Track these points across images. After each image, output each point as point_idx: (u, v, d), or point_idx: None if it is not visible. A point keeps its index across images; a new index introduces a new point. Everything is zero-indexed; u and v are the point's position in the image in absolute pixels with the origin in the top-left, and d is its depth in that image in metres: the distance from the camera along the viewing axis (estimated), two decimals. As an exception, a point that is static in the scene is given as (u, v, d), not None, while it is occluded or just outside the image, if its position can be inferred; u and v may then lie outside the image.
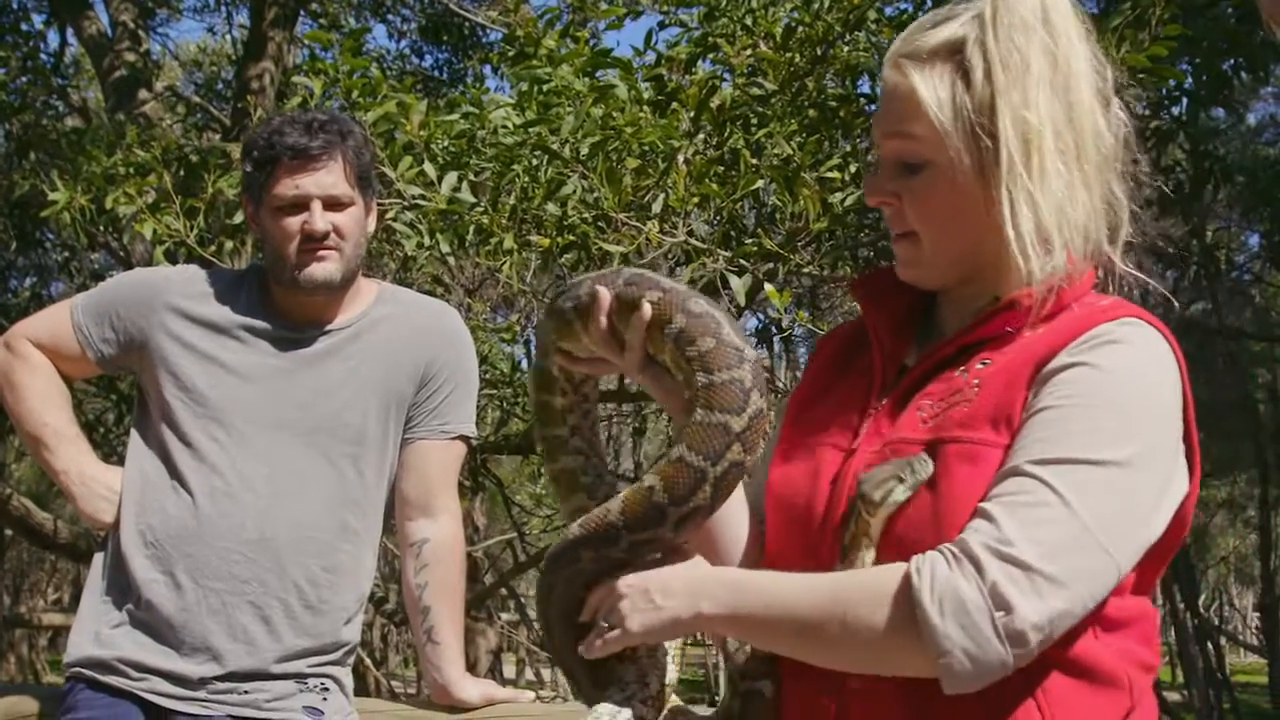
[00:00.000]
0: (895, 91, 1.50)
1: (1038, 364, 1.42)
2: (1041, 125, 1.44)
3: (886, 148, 1.52)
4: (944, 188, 1.48)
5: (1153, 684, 1.49)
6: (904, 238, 1.53)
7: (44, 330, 2.73)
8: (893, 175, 1.52)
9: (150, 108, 7.33)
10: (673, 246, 4.21)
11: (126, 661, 2.52)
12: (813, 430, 1.58)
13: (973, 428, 1.42)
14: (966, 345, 1.50)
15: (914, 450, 1.44)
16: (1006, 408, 1.41)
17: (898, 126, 1.50)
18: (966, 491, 1.39)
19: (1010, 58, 1.46)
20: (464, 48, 10.15)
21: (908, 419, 1.48)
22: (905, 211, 1.51)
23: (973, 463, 1.40)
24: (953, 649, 1.31)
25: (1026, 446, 1.37)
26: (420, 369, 2.71)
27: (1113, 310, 1.45)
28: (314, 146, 2.56)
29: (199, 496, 2.56)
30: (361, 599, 2.72)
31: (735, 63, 4.35)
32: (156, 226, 4.38)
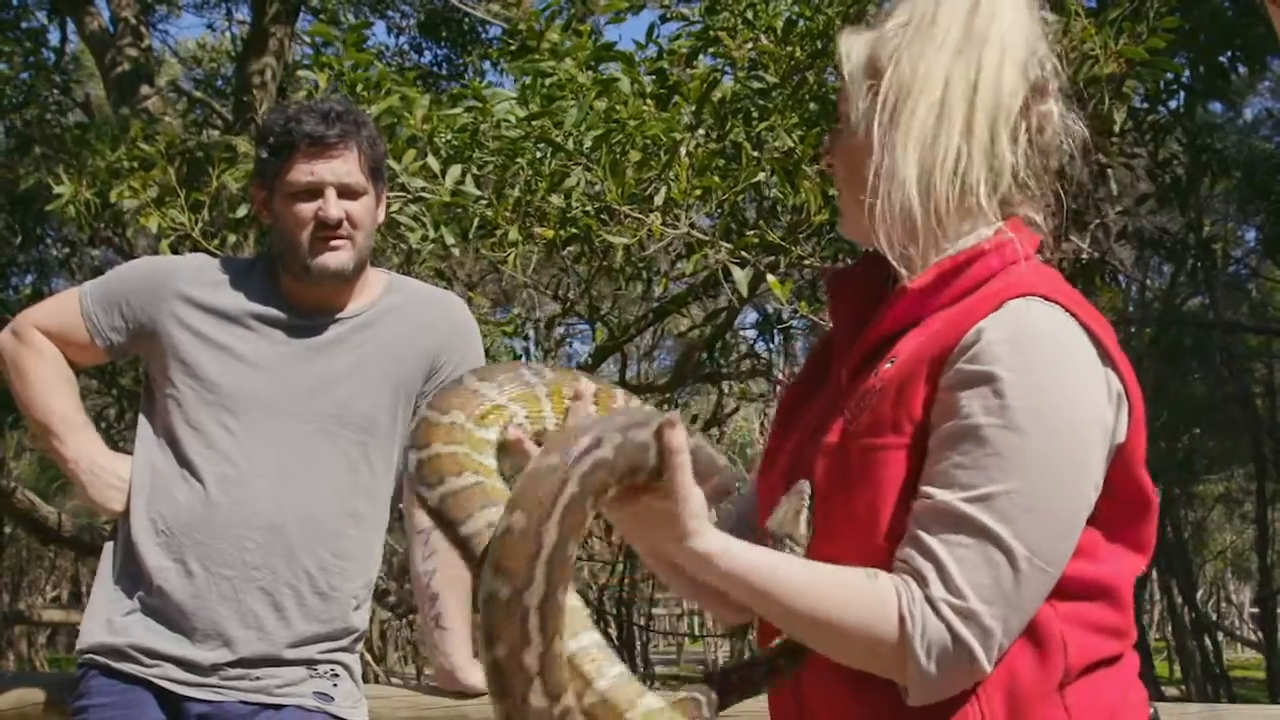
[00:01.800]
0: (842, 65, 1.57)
1: (932, 362, 1.44)
2: (923, 80, 1.47)
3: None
4: (847, 145, 1.54)
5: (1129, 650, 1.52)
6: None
7: (52, 318, 2.73)
8: (833, 135, 1.60)
9: (153, 103, 7.34)
10: (675, 239, 4.23)
11: (139, 648, 2.55)
12: (791, 435, 1.63)
13: (877, 433, 1.46)
14: (875, 344, 1.53)
15: (829, 459, 1.49)
16: (907, 407, 1.45)
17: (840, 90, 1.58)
18: (876, 497, 1.45)
19: (918, 14, 1.50)
20: (463, 43, 10.16)
21: (835, 422, 1.52)
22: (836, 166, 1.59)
23: (881, 467, 1.45)
24: (926, 685, 1.41)
25: (948, 474, 1.41)
26: (429, 359, 2.72)
27: (1006, 290, 1.45)
28: (331, 135, 2.58)
29: (209, 484, 2.58)
30: (369, 586, 2.74)
31: (736, 56, 4.36)
32: (162, 220, 4.40)
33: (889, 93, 1.48)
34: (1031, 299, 1.44)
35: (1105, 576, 1.47)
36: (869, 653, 1.42)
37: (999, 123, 1.49)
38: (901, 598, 1.40)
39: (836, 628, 1.41)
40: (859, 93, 1.51)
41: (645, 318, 5.64)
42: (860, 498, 1.47)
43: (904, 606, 1.40)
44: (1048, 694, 1.44)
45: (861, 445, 1.47)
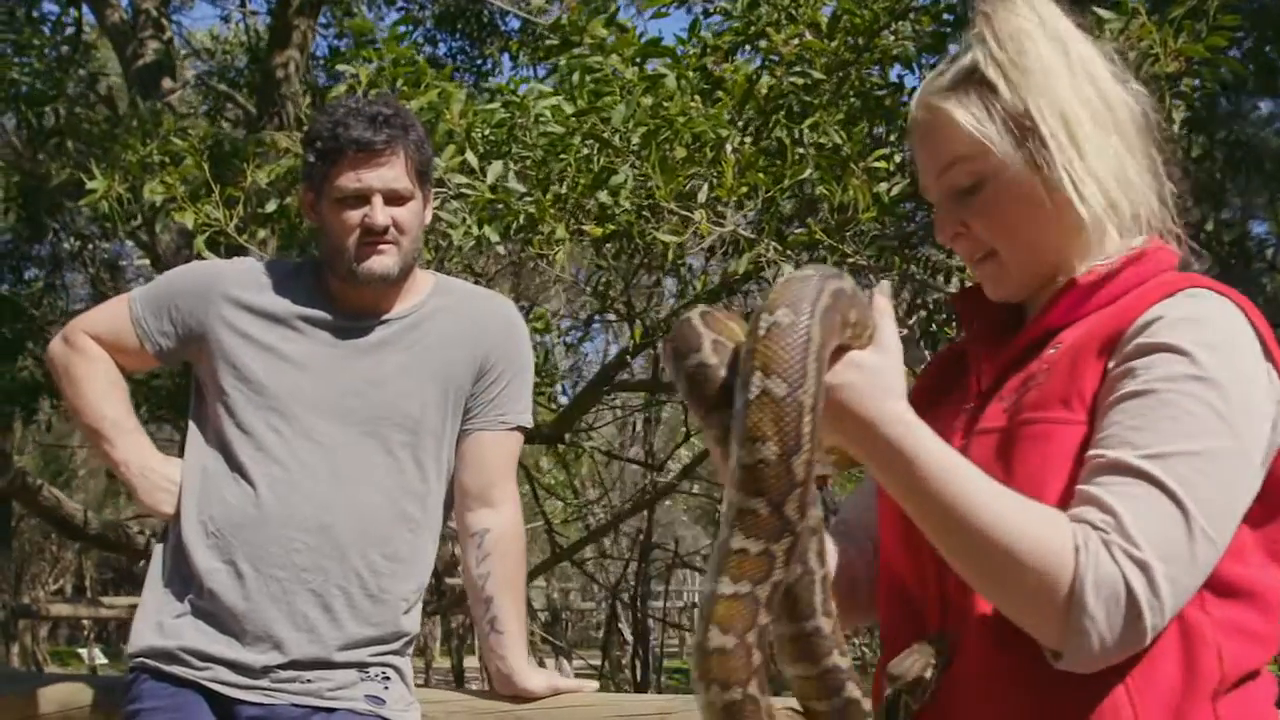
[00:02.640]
0: (930, 127, 1.55)
1: (1105, 340, 1.44)
2: (1075, 106, 1.50)
3: (938, 185, 1.56)
4: (1005, 196, 1.52)
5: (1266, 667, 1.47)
6: (984, 260, 1.57)
7: (102, 324, 2.74)
8: (953, 206, 1.56)
9: (176, 97, 7.29)
10: (721, 236, 4.17)
11: (190, 651, 2.52)
12: None
13: (1044, 408, 1.44)
14: (1037, 337, 1.53)
15: (991, 440, 1.46)
16: (1077, 384, 1.44)
17: (943, 159, 1.54)
18: (1042, 469, 1.41)
19: (1022, 59, 1.52)
20: (481, 36, 10.10)
21: (991, 410, 1.51)
22: (978, 234, 1.55)
23: (1047, 440, 1.42)
24: (1090, 635, 1.32)
25: (1121, 435, 1.38)
26: (478, 361, 2.70)
27: (1176, 282, 1.47)
28: (378, 141, 2.56)
29: (259, 486, 2.56)
30: (421, 589, 2.71)
31: (784, 52, 4.31)
32: (196, 216, 4.35)
33: (1051, 126, 1.50)
34: (1202, 289, 1.46)
35: (1255, 581, 1.43)
36: (1034, 590, 1.33)
37: (1146, 139, 1.56)
38: (1078, 536, 1.34)
39: (1011, 549, 1.33)
40: (1000, 144, 1.52)
41: (678, 314, 5.57)
42: (1022, 472, 1.43)
43: (1079, 542, 1.33)
44: (1201, 701, 1.39)
45: (1026, 421, 1.46)
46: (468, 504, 2.72)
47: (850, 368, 1.38)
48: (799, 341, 1.27)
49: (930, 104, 1.55)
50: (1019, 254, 1.55)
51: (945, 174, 1.55)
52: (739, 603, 1.26)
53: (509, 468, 2.78)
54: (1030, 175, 1.51)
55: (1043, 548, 1.33)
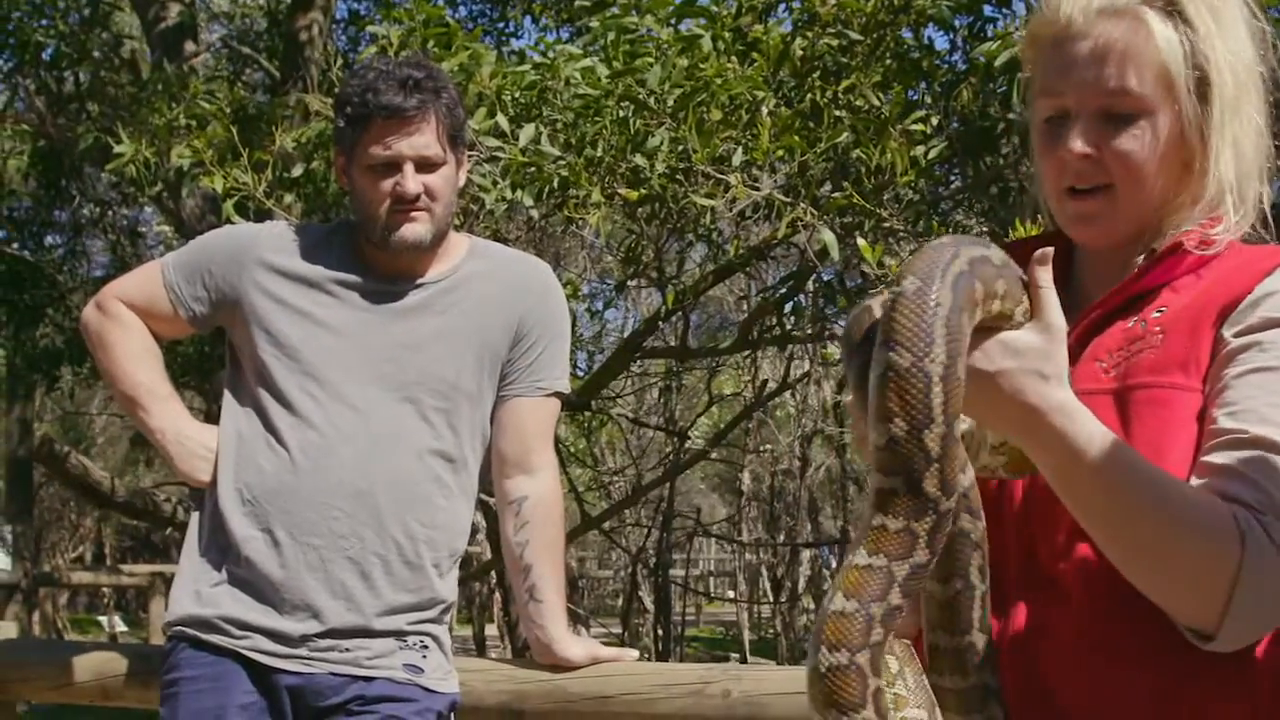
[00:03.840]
0: (1112, 43, 1.43)
1: (1222, 309, 1.39)
2: (1240, 70, 1.43)
3: (1095, 99, 1.44)
4: (1156, 139, 1.44)
5: None
6: (1095, 192, 1.46)
7: (136, 290, 2.72)
8: (1094, 127, 1.44)
9: (199, 61, 7.24)
10: (754, 200, 4.12)
11: (228, 619, 2.51)
12: None
13: (1163, 373, 1.39)
14: (1134, 294, 1.46)
15: (1098, 403, 1.37)
16: (1195, 351, 1.39)
17: (1119, 79, 1.43)
18: (1161, 436, 1.36)
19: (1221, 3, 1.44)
20: (503, 0, 10.01)
21: (1085, 371, 1.43)
22: (1107, 164, 1.44)
23: (1166, 406, 1.37)
24: (1250, 618, 1.29)
25: (1260, 411, 1.32)
26: (514, 325, 2.67)
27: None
28: (409, 107, 2.52)
29: (295, 452, 2.54)
30: (457, 555, 2.69)
31: (822, 12, 4.24)
32: (225, 180, 4.31)
33: (1221, 88, 1.43)
34: None
35: None
36: (1197, 574, 1.28)
37: (1267, 109, 1.50)
38: (1240, 520, 1.28)
39: (1177, 537, 1.28)
40: (1179, 85, 1.43)
41: (707, 278, 5.55)
42: (1141, 437, 1.37)
43: (1243, 526, 1.28)
44: None
45: (1143, 385, 1.39)
46: (505, 471, 2.70)
47: (1005, 352, 1.30)
48: (924, 307, 1.21)
49: (1130, 8, 1.43)
50: (1137, 199, 1.46)
51: (1113, 94, 1.44)
52: (871, 574, 1.22)
53: (547, 434, 2.75)
54: (1182, 128, 1.44)
55: (1210, 534, 1.28)
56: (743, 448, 12.27)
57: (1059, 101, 1.46)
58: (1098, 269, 1.52)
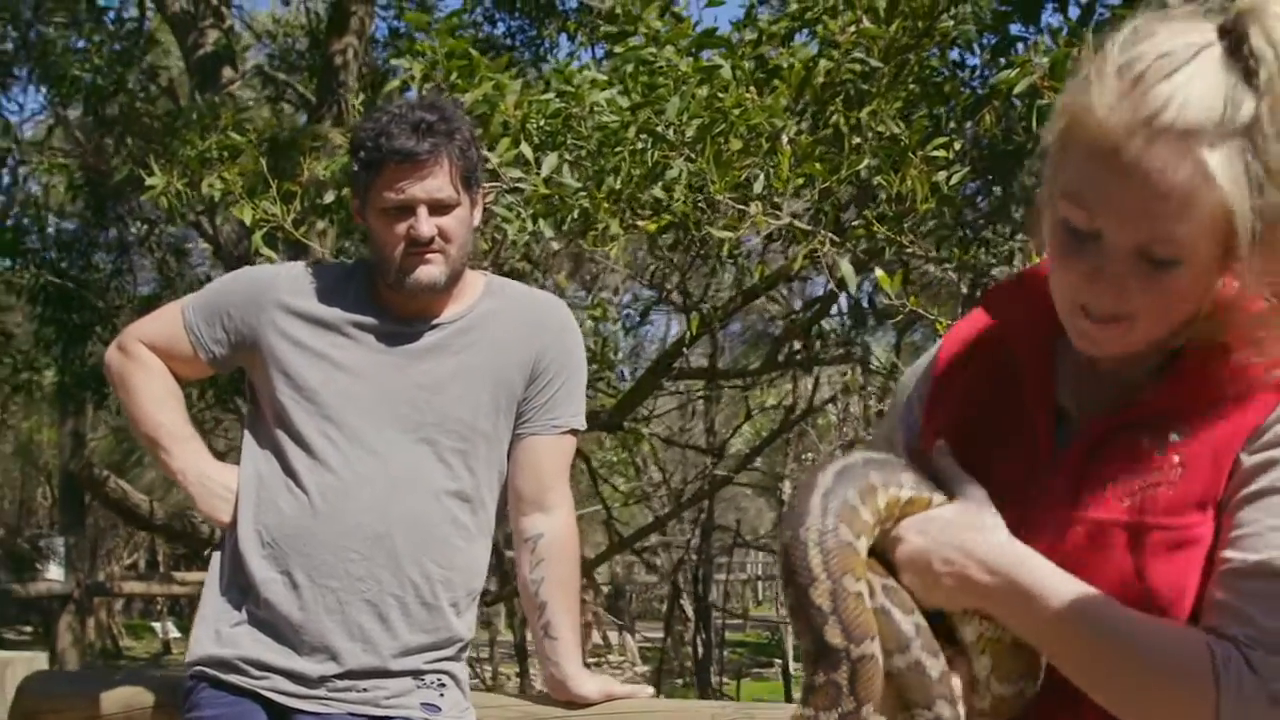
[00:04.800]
0: (1163, 182, 1.21)
1: (1246, 439, 1.31)
2: None
3: (1125, 238, 1.25)
4: (1190, 280, 1.27)
5: None
6: (1113, 322, 1.31)
7: (157, 332, 2.75)
8: (1125, 260, 1.26)
9: (236, 86, 7.34)
10: (776, 229, 4.13)
11: (247, 660, 2.55)
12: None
13: (1180, 514, 1.31)
14: (1147, 416, 1.36)
15: (1110, 536, 1.33)
16: (1214, 487, 1.31)
17: (1160, 228, 1.23)
18: (1183, 577, 1.31)
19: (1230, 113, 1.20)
20: (539, 16, 10.06)
21: (1096, 492, 1.35)
22: (1132, 298, 1.28)
23: (1185, 549, 1.31)
24: None
25: (1265, 537, 1.28)
26: (530, 363, 2.69)
27: None
28: (420, 151, 2.53)
29: (313, 495, 2.57)
30: (474, 594, 2.72)
31: (840, 40, 4.24)
32: (254, 211, 4.38)
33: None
34: None
35: None
36: (1173, 712, 1.27)
37: None
38: (1217, 656, 1.25)
39: (1148, 678, 1.27)
40: (1237, 233, 1.24)
41: (735, 300, 5.56)
42: (1162, 580, 1.31)
43: (1219, 662, 1.25)
44: None
45: (1161, 527, 1.32)
46: (521, 508, 2.72)
47: (927, 522, 1.34)
48: (807, 486, 1.35)
49: (1190, 133, 1.20)
50: (1157, 331, 1.33)
51: (1153, 240, 1.24)
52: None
53: (562, 472, 2.77)
54: (1222, 262, 1.27)
55: (1179, 678, 1.26)
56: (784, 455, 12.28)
57: (1088, 220, 1.27)
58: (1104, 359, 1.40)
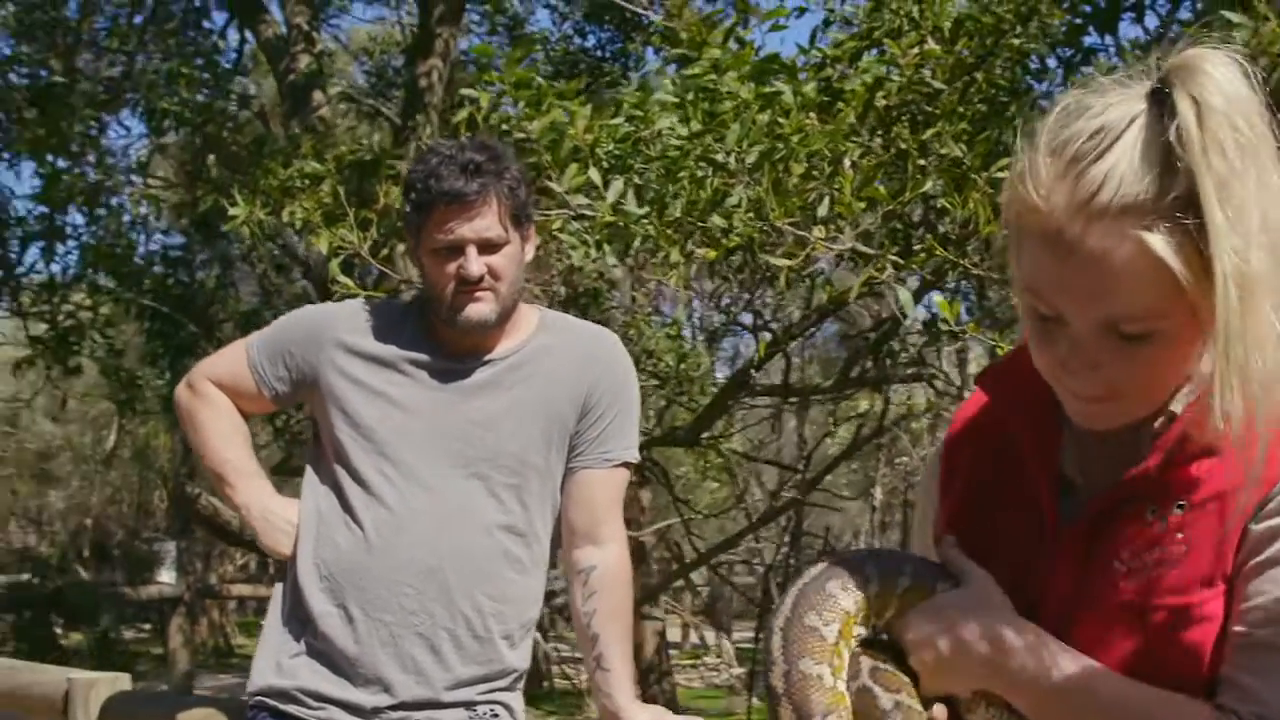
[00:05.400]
0: (1105, 261, 1.20)
1: (1252, 508, 1.28)
2: (1259, 269, 1.18)
3: (1087, 318, 1.23)
4: (1167, 346, 1.25)
5: None
6: (1101, 400, 1.29)
7: (224, 370, 2.84)
8: (1096, 339, 1.25)
9: (326, 110, 7.50)
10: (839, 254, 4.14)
11: (305, 691, 2.62)
12: (981, 563, 1.44)
13: (1186, 592, 1.29)
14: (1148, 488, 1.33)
15: (1123, 614, 1.33)
16: (1221, 563, 1.29)
17: (1119, 306, 1.21)
18: (1187, 658, 1.30)
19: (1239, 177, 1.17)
20: (627, 29, 10.16)
21: (1102, 572, 1.34)
22: (1113, 375, 1.26)
23: (1191, 627, 1.30)
24: None
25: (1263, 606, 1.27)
26: (581, 397, 2.73)
27: None
28: (469, 191, 2.59)
29: (369, 530, 2.63)
30: (527, 626, 2.76)
31: (903, 63, 4.24)
32: (331, 239, 4.50)
33: (1227, 297, 1.19)
34: None
35: None
36: None
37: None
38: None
39: None
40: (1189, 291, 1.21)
41: (808, 317, 5.58)
42: (1174, 657, 1.31)
43: None
44: None
45: (1167, 607, 1.31)
46: (574, 541, 2.76)
47: (920, 613, 1.37)
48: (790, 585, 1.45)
49: (1118, 228, 1.19)
50: (1148, 401, 1.32)
51: (1114, 319, 1.23)
52: None
53: (615, 505, 2.80)
54: (1192, 328, 1.24)
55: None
56: (876, 460, 12.20)
57: (1050, 307, 1.26)
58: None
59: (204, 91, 7.74)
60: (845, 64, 4.63)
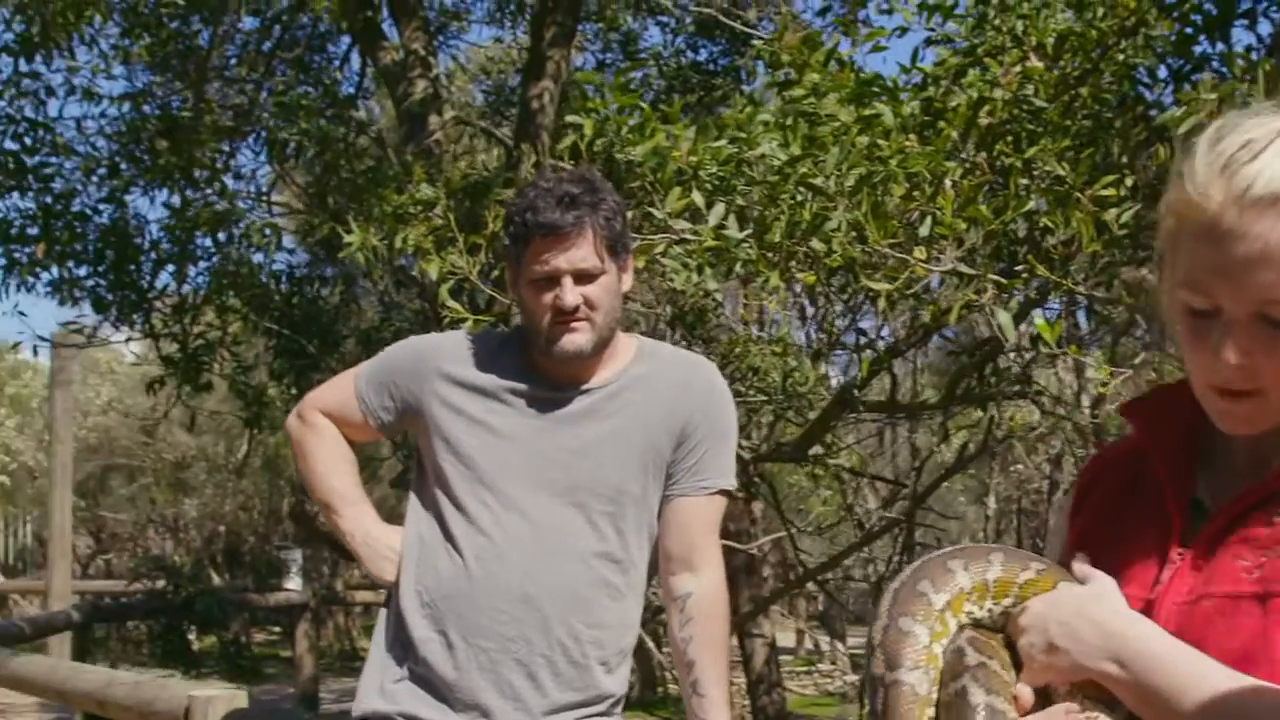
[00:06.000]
0: (1273, 245, 1.30)
1: None
2: None
3: (1245, 307, 1.33)
4: None
5: None
6: (1243, 396, 1.36)
7: (332, 400, 2.95)
8: (1249, 332, 1.33)
9: (442, 134, 7.67)
10: (941, 275, 4.14)
11: (406, 715, 2.70)
12: (1105, 570, 1.49)
13: None
14: (1275, 490, 1.39)
15: (1246, 604, 1.36)
16: None
17: (1273, 287, 1.30)
18: None
19: None
20: (737, 42, 10.18)
21: (1225, 569, 1.38)
22: (1260, 371, 1.34)
23: None
24: None
25: None
26: (678, 427, 2.78)
27: None
28: (565, 224, 2.65)
29: (469, 558, 2.70)
30: (624, 653, 2.82)
31: (1004, 82, 4.22)
32: (441, 265, 4.62)
33: None
34: None
35: None
36: None
37: None
38: None
39: None
40: None
41: (913, 335, 5.56)
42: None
43: None
44: None
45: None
46: (671, 568, 2.81)
47: (1038, 600, 1.42)
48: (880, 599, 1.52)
49: (1273, 213, 1.30)
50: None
51: (1266, 300, 1.31)
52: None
53: (711, 532, 2.84)
54: None
55: None
56: (990, 469, 12.05)
57: (1206, 299, 1.35)
58: (1244, 439, 1.44)
59: (324, 118, 7.99)
60: (948, 82, 4.62)
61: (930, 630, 1.44)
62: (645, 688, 13.56)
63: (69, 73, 8.54)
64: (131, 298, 8.76)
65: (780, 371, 5.85)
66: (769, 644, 9.08)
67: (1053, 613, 1.41)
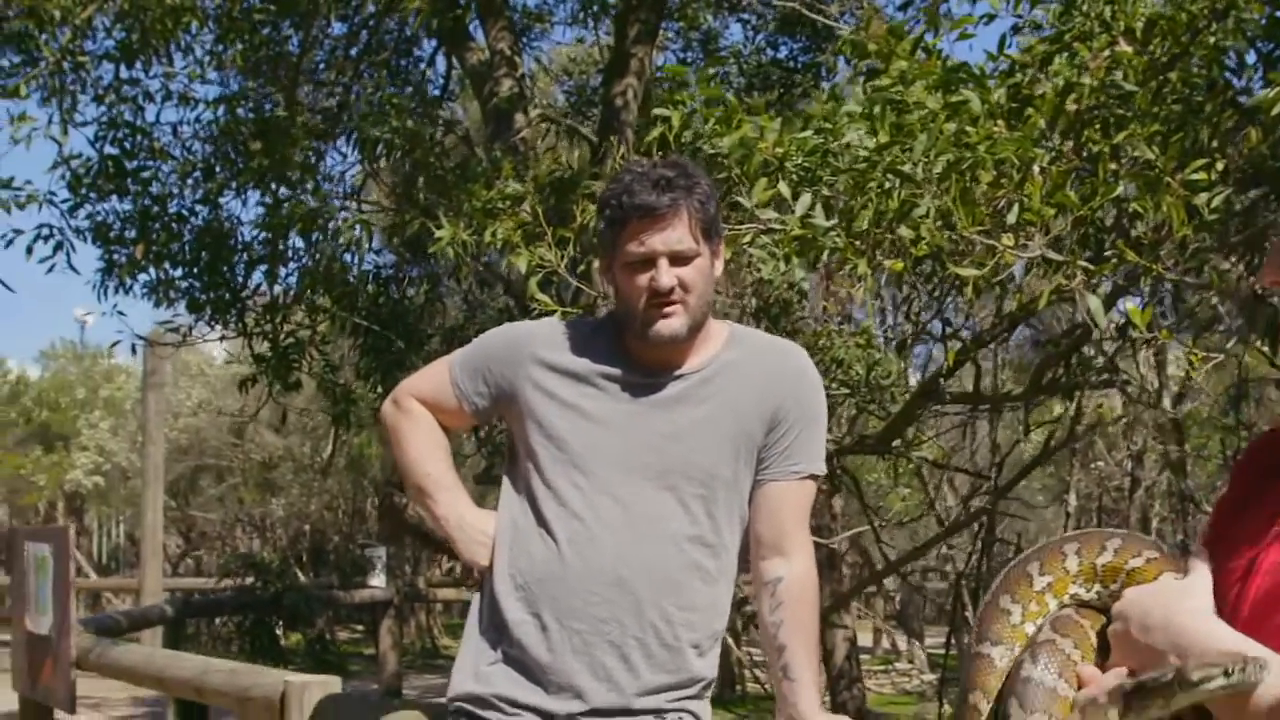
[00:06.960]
0: None
1: None
2: None
3: None
4: None
5: None
6: None
7: (426, 387, 2.97)
8: None
9: (527, 132, 7.76)
10: (1029, 261, 4.14)
11: (501, 698, 2.73)
12: (1223, 547, 1.54)
13: None
14: None
15: None
16: None
17: None
18: None
19: None
20: (818, 39, 10.18)
21: None
22: None
23: None
24: None
25: None
26: (770, 412, 2.79)
27: None
28: (661, 205, 2.66)
29: (562, 542, 2.72)
30: (716, 636, 2.83)
31: (1092, 66, 4.21)
32: (530, 258, 4.69)
33: None
34: None
35: None
36: None
37: None
38: None
39: None
40: None
41: (998, 325, 5.54)
42: None
43: None
44: None
45: None
46: (761, 553, 2.82)
47: (1135, 589, 1.48)
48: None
49: None
50: None
51: None
52: None
53: (802, 517, 2.85)
54: None
55: None
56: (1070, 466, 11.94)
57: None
58: None
59: (413, 118, 8.12)
60: (1035, 68, 4.61)
61: (1024, 609, 1.52)
62: (724, 685, 13.56)
63: (166, 78, 8.77)
64: (225, 297, 8.94)
65: (864, 364, 5.86)
66: (850, 638, 9.05)
67: (1140, 601, 1.47)
